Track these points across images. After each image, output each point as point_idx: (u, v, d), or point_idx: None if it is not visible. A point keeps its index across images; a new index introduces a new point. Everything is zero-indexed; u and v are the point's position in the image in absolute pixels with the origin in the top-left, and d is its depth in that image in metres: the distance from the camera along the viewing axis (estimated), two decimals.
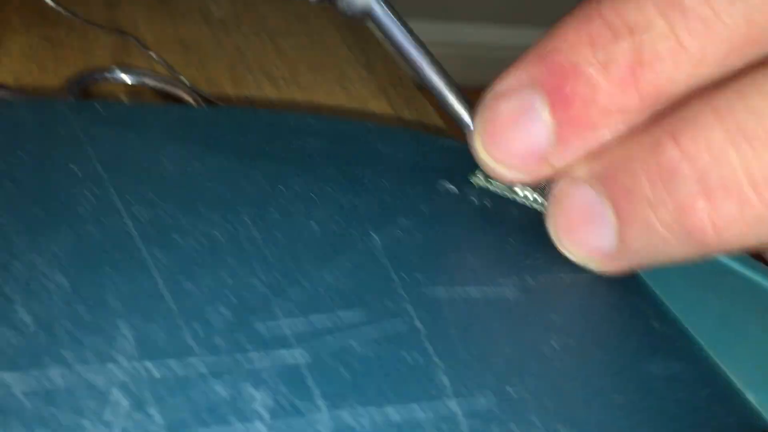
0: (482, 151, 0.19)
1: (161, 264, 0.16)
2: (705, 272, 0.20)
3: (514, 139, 0.19)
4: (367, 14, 0.22)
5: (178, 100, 0.26)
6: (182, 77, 0.26)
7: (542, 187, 0.21)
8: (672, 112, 0.17)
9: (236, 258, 0.17)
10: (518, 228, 0.20)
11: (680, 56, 0.16)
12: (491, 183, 0.22)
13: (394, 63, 0.34)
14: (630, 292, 0.19)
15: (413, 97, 0.31)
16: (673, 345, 0.18)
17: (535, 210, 0.21)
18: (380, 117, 0.29)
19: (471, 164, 0.23)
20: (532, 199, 0.21)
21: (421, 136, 0.24)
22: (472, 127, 0.22)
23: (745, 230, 0.16)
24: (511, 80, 0.19)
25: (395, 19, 0.22)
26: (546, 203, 0.21)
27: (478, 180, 0.22)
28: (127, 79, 0.25)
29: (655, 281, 0.20)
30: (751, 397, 0.17)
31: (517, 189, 0.21)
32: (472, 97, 0.21)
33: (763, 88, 0.15)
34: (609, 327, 0.18)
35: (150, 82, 0.25)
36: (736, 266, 0.19)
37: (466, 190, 0.22)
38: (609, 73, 0.17)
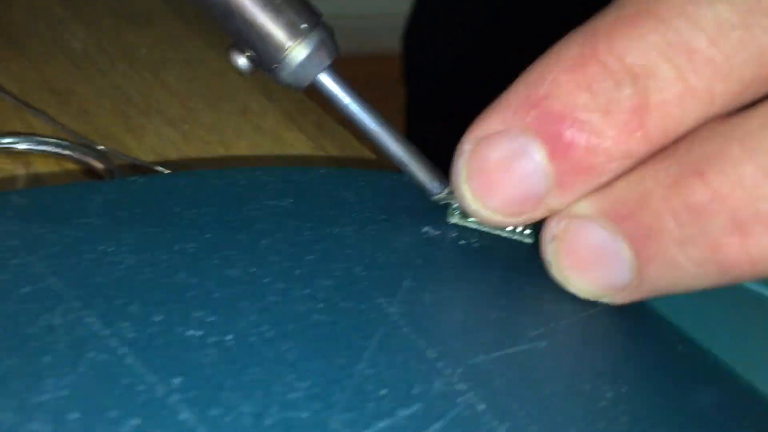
0: (473, 200, 0.18)
1: (182, 397, 0.13)
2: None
3: (509, 186, 0.18)
4: (315, 86, 0.20)
5: (84, 166, 0.22)
6: (94, 142, 0.22)
7: None
8: (688, 145, 0.16)
9: (261, 368, 0.14)
10: (517, 267, 0.19)
11: (688, 99, 0.16)
12: (468, 220, 0.20)
13: None
14: (645, 318, 0.19)
15: (324, 123, 0.29)
16: (704, 369, 0.18)
17: (522, 242, 0.20)
18: (311, 158, 0.27)
19: (426, 198, 0.22)
20: (516, 231, 0.20)
21: (376, 176, 0.22)
22: (438, 192, 0.21)
23: None
24: (495, 124, 0.17)
25: (346, 90, 0.20)
26: (529, 233, 0.20)
27: (456, 219, 0.20)
28: (19, 146, 0.21)
29: (658, 301, 0.19)
30: None
31: None
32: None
33: None
34: (645, 361, 0.17)
35: (51, 149, 0.21)
36: None
37: (448, 230, 0.20)
38: (612, 119, 0.16)
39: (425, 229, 0.20)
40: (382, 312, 0.17)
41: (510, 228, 0.20)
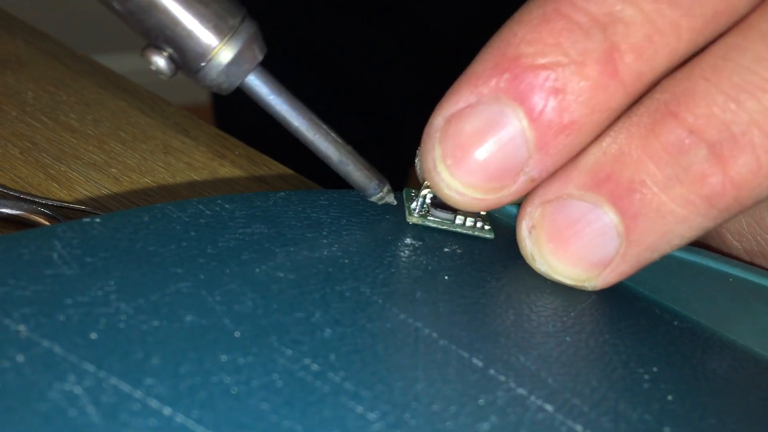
0: (450, 179, 0.17)
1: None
2: (662, 269, 0.19)
3: (489, 158, 0.16)
4: (244, 87, 0.18)
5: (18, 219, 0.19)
6: (27, 194, 0.18)
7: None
8: (654, 95, 0.16)
9: (324, 404, 0.12)
10: (505, 268, 0.18)
11: (657, 38, 0.15)
12: (428, 219, 0.19)
13: (198, 119, 0.29)
14: (633, 300, 0.18)
15: (254, 155, 0.26)
16: (705, 338, 0.17)
17: (484, 237, 0.19)
18: (252, 184, 0.24)
19: (392, 208, 0.20)
20: (476, 225, 0.19)
21: (334, 194, 0.20)
22: (376, 191, 0.19)
23: (762, 179, 0.15)
24: (467, 96, 0.16)
25: (278, 90, 0.18)
26: (489, 228, 0.19)
27: (415, 219, 0.19)
28: None
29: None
30: None
31: (458, 220, 0.19)
32: None
33: (742, 45, 0.15)
34: (655, 339, 0.17)
35: None
36: (687, 256, 0.19)
37: (429, 239, 0.19)
38: (586, 69, 0.15)
39: (407, 240, 0.18)
40: (411, 328, 0.15)
41: (470, 224, 0.19)
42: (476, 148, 0.16)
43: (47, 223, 0.19)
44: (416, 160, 0.19)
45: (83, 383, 0.11)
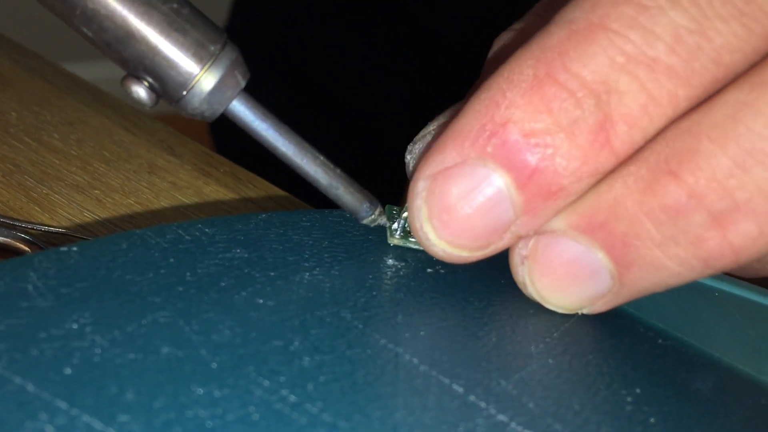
0: (437, 240, 0.16)
1: None
2: None
3: (475, 221, 0.16)
4: (228, 114, 0.18)
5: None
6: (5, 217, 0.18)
7: None
8: (654, 146, 0.15)
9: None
10: (489, 288, 0.18)
11: (653, 108, 0.15)
12: (409, 241, 0.19)
13: (183, 135, 0.29)
14: (619, 318, 0.18)
15: (238, 172, 0.26)
16: (690, 358, 0.17)
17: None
18: (235, 205, 0.24)
19: (375, 229, 0.20)
20: None
21: (317, 214, 0.20)
22: (368, 214, 0.19)
23: (762, 245, 0.15)
24: (451, 156, 0.16)
25: (264, 115, 0.18)
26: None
27: (396, 240, 0.19)
28: None
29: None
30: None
31: None
32: None
33: (754, 106, 0.15)
34: (639, 359, 0.17)
35: None
36: None
37: (411, 260, 0.18)
38: (576, 139, 0.15)
39: (390, 261, 0.18)
40: (391, 353, 0.15)
41: None
42: (462, 211, 0.16)
43: (27, 249, 0.19)
44: (407, 157, 0.19)
45: (55, 421, 0.11)
